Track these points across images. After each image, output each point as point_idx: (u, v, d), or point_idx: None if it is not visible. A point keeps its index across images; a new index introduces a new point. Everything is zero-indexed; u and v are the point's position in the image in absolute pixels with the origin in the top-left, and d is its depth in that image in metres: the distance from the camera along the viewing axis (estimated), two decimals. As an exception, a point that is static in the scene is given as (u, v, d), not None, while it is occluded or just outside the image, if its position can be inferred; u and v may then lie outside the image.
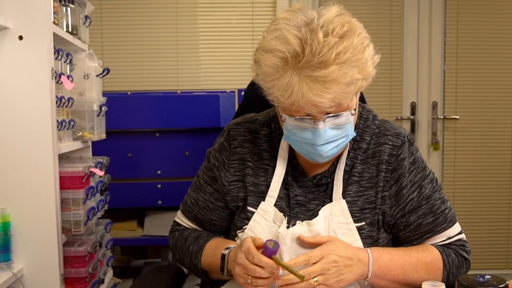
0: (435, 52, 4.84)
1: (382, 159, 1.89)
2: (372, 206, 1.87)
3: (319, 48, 1.60)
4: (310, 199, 1.91)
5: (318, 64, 1.60)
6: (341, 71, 1.61)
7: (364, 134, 1.92)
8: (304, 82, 1.62)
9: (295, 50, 1.62)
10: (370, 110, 1.98)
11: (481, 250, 4.83)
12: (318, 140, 1.72)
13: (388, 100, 4.79)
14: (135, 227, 3.99)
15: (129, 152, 3.79)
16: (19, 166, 2.34)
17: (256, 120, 2.04)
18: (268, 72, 1.68)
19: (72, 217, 2.56)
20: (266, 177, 1.94)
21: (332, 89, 1.61)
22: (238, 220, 1.96)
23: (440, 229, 1.92)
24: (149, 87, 4.56)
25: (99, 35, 4.51)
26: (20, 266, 2.37)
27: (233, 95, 3.80)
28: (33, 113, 2.33)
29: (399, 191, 1.88)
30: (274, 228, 1.86)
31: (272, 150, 1.96)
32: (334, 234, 1.82)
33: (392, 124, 1.98)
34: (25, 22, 2.30)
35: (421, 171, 1.92)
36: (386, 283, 1.83)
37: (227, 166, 1.99)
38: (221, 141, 2.04)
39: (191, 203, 2.09)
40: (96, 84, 2.87)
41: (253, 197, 1.93)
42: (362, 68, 1.66)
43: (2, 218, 2.30)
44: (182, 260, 2.08)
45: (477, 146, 4.89)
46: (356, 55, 1.64)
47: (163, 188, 3.82)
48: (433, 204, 1.90)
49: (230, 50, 4.66)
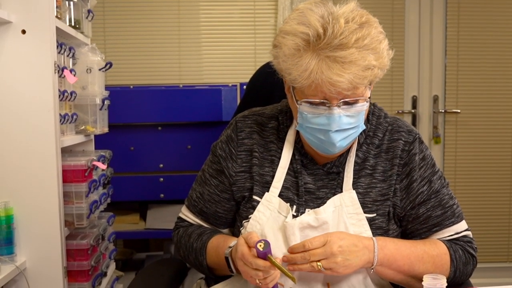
0: (436, 46, 4.84)
1: (396, 154, 1.93)
2: (384, 198, 1.90)
3: (341, 30, 1.67)
4: (320, 186, 1.93)
5: (339, 45, 1.67)
6: (360, 54, 1.68)
7: (377, 131, 1.96)
8: (323, 62, 1.67)
9: (317, 31, 1.68)
10: (381, 108, 2.03)
11: (482, 243, 4.82)
12: (332, 125, 1.74)
13: (389, 94, 4.79)
14: (138, 221, 4.00)
15: (132, 146, 3.80)
16: (22, 159, 2.35)
17: (264, 113, 2.06)
18: (289, 53, 1.72)
19: (75, 210, 2.56)
20: (272, 168, 1.96)
21: (351, 70, 1.67)
22: (244, 210, 1.98)
23: (448, 223, 1.94)
24: (152, 81, 4.56)
25: (101, 29, 4.51)
26: (23, 259, 2.38)
27: (235, 89, 3.81)
28: (36, 107, 2.33)
29: (409, 185, 1.92)
30: (279, 218, 1.88)
31: (279, 142, 1.98)
32: (343, 223, 1.85)
33: (404, 121, 2.03)
34: (28, 16, 2.30)
35: (431, 168, 1.95)
36: (392, 273, 1.85)
37: (234, 156, 2.00)
38: (228, 133, 2.05)
39: (196, 198, 2.09)
40: (98, 78, 2.88)
41: (259, 186, 1.95)
42: (379, 56, 1.73)
43: (5, 211, 2.31)
44: (186, 257, 2.08)
45: (478, 139, 4.90)
46: (374, 43, 1.71)
47: (165, 182, 3.83)
48: (441, 198, 1.94)
49: (232, 44, 4.66)
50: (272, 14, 4.64)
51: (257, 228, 1.89)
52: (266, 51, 4.58)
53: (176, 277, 2.23)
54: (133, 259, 4.28)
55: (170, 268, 2.25)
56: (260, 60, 4.54)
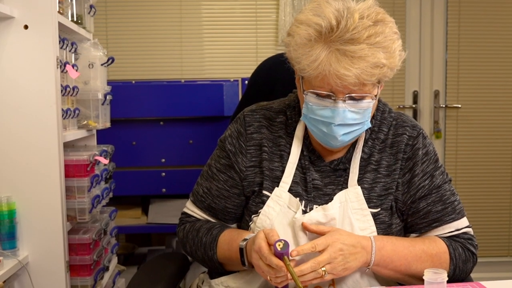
0: (437, 41, 4.84)
1: (400, 149, 1.95)
2: (387, 193, 1.92)
3: (354, 25, 1.69)
4: (327, 183, 1.95)
5: (350, 39, 1.69)
6: (370, 51, 1.69)
7: (382, 126, 1.98)
8: (333, 54, 1.70)
9: (331, 23, 1.70)
10: (385, 103, 2.04)
11: (483, 238, 4.83)
12: (335, 119, 1.76)
13: (390, 89, 4.80)
14: (140, 215, 4.00)
15: (134, 141, 3.80)
16: (24, 154, 2.35)
17: (272, 107, 2.06)
18: (301, 42, 1.75)
19: (77, 205, 2.56)
20: (281, 163, 1.97)
21: (359, 65, 1.68)
22: (253, 205, 1.98)
23: (448, 219, 1.95)
24: (153, 76, 4.56)
25: (103, 25, 4.51)
26: (25, 253, 2.38)
27: (237, 84, 3.81)
28: (38, 102, 2.34)
29: (411, 179, 1.94)
30: (288, 213, 1.89)
31: (287, 137, 1.99)
32: (348, 219, 1.87)
33: (408, 116, 2.05)
34: (30, 12, 2.30)
35: (433, 163, 1.97)
36: (389, 272, 1.86)
37: (244, 151, 2.01)
38: (237, 127, 2.05)
39: (203, 193, 2.08)
40: (100, 73, 2.88)
41: (269, 181, 1.95)
42: (390, 56, 1.73)
43: (7, 206, 2.31)
44: (194, 252, 2.07)
45: (479, 134, 4.90)
46: (386, 42, 1.72)
47: (167, 176, 3.83)
48: (443, 194, 1.95)
49: (234, 39, 4.66)
50: (274, 9, 4.63)
51: (267, 223, 1.90)
52: (268, 46, 4.62)
53: (178, 272, 2.23)
54: (135, 254, 4.30)
55: (172, 263, 2.26)
56: (261, 55, 4.54)
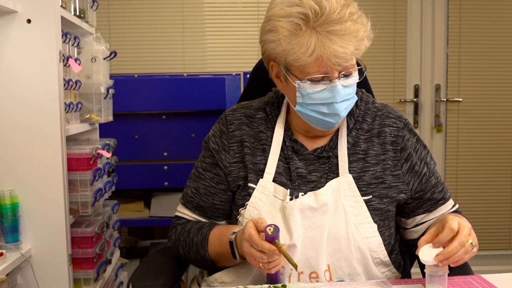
0: (438, 35, 4.84)
1: (387, 140, 1.99)
2: (379, 181, 1.96)
3: (334, 6, 1.75)
4: (311, 170, 1.98)
5: (337, 20, 1.75)
6: (355, 27, 1.78)
7: (365, 116, 2.03)
8: (324, 37, 1.75)
9: (314, 9, 1.75)
10: (368, 94, 2.11)
11: (484, 231, 4.85)
12: (337, 97, 1.81)
13: (391, 82, 4.79)
14: (142, 208, 4.02)
15: (136, 134, 3.81)
16: (27, 148, 2.36)
17: (251, 105, 2.12)
18: (289, 34, 1.79)
19: (80, 198, 2.58)
20: (264, 156, 2.00)
21: (351, 41, 1.76)
22: (239, 199, 2.01)
23: (447, 197, 2.07)
24: (156, 70, 4.56)
25: (106, 19, 4.51)
26: (28, 246, 2.40)
27: (239, 77, 3.82)
28: (41, 96, 2.35)
29: (411, 168, 1.99)
30: (275, 202, 1.93)
31: (268, 131, 2.03)
32: (342, 206, 1.91)
33: (392, 107, 2.10)
34: (33, 6, 2.31)
35: (424, 149, 2.05)
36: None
37: (227, 148, 2.05)
38: (218, 127, 2.11)
39: (192, 193, 2.12)
40: (103, 67, 2.89)
41: (253, 174, 1.98)
42: (366, 29, 1.82)
43: (10, 199, 2.33)
44: (187, 253, 2.10)
45: (480, 128, 4.90)
46: (360, 18, 1.81)
47: (169, 170, 3.85)
48: (437, 176, 2.06)
49: (236, 33, 4.66)
50: (275, 3, 4.62)
51: (255, 213, 1.93)
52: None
53: (180, 265, 2.24)
54: (138, 247, 4.31)
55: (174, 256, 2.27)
56: (263, 49, 4.53)
